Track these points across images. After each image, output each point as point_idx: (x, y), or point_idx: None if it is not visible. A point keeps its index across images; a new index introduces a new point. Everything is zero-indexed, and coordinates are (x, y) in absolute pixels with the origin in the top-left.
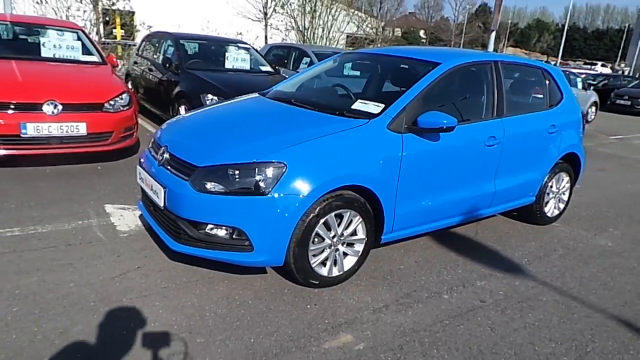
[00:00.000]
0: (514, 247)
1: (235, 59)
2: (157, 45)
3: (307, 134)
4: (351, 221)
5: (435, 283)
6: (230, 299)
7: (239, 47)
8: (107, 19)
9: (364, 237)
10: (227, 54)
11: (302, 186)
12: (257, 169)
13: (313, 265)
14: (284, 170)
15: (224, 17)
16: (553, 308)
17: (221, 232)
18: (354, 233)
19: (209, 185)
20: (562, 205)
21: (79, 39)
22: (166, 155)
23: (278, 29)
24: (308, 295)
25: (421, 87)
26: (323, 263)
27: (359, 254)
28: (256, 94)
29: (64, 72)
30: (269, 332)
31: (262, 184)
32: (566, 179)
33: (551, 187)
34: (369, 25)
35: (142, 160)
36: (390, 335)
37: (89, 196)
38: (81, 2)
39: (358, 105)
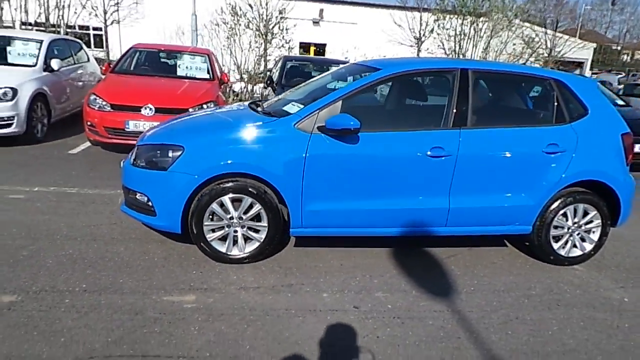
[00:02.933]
0: (479, 276)
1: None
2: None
3: (218, 126)
4: (251, 207)
5: (332, 284)
6: (143, 253)
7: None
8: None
9: (266, 225)
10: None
11: (194, 167)
12: (162, 150)
13: (210, 240)
14: (181, 152)
15: (373, 42)
16: (422, 330)
17: (142, 198)
18: (259, 220)
19: (137, 160)
20: (588, 246)
21: (205, 61)
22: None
23: (432, 54)
24: (203, 262)
25: (345, 90)
26: (223, 240)
27: (262, 240)
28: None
29: (172, 85)
30: (145, 277)
31: (163, 162)
32: (592, 213)
33: (562, 219)
34: (542, 46)
35: None
36: (226, 307)
37: None
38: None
39: (288, 106)
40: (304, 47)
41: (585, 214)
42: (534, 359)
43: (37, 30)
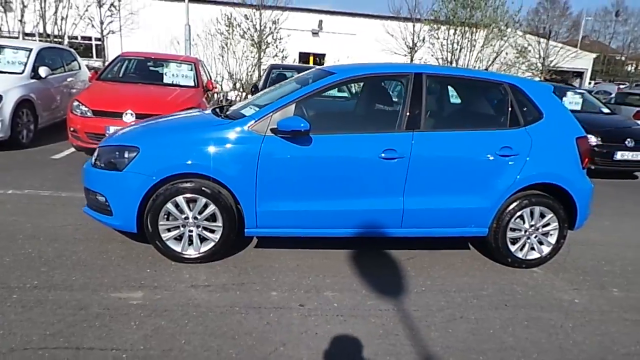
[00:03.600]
0: (433, 277)
1: None
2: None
3: (175, 128)
4: (206, 207)
5: (283, 283)
6: (102, 252)
7: None
8: None
9: (220, 225)
10: None
11: (148, 168)
12: (119, 151)
13: (165, 239)
14: (136, 153)
15: (369, 52)
16: (362, 328)
17: (101, 199)
18: (214, 220)
19: (97, 162)
20: (546, 249)
21: (191, 69)
22: None
23: (426, 62)
24: (160, 261)
25: (298, 94)
26: (178, 240)
27: (217, 240)
28: None
29: (154, 92)
30: (98, 275)
31: (120, 163)
32: (549, 216)
33: (519, 222)
34: (535, 55)
35: None
36: (172, 304)
37: None
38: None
39: (246, 109)
40: (304, 56)
41: (542, 216)
42: (468, 355)
43: (40, 41)
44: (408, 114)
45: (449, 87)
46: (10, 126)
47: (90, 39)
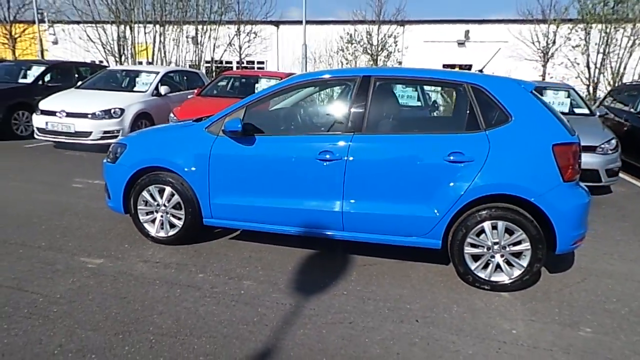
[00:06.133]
0: (371, 284)
1: None
2: None
3: (157, 129)
4: (172, 197)
5: (218, 269)
6: (102, 227)
7: None
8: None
9: (183, 213)
10: None
11: (129, 160)
12: (119, 147)
13: (142, 221)
14: (124, 149)
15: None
16: (243, 313)
17: (106, 185)
18: (180, 208)
19: (107, 156)
20: (516, 271)
21: None
22: None
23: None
24: (139, 240)
25: (249, 99)
26: (153, 222)
27: (181, 226)
28: None
29: None
30: (85, 243)
31: (115, 156)
32: (518, 234)
33: (483, 237)
34: None
35: None
36: (113, 271)
37: None
38: None
39: None
40: (449, 68)
41: (511, 234)
42: (314, 355)
43: (207, 66)
44: (350, 116)
45: (403, 90)
46: (130, 132)
47: (231, 62)
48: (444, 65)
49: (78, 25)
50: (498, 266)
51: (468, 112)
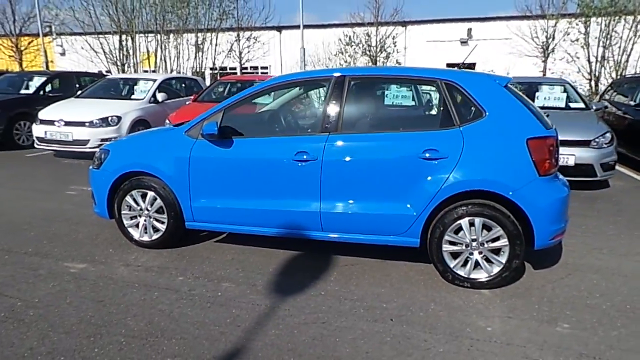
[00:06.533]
0: (350, 284)
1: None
2: None
3: (138, 135)
4: (155, 201)
5: (199, 271)
6: (89, 232)
7: None
8: None
9: (166, 217)
10: None
11: (112, 166)
12: (103, 154)
13: (127, 226)
14: (108, 154)
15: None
16: (217, 315)
17: (91, 192)
18: (162, 212)
19: (92, 163)
20: (495, 268)
21: None
22: None
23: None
24: (125, 245)
25: (226, 102)
26: (137, 227)
27: (164, 230)
28: None
29: None
30: (70, 248)
31: (99, 162)
32: (495, 230)
33: (461, 234)
34: None
35: None
36: (94, 276)
37: None
38: None
39: None
40: (452, 67)
41: (488, 230)
42: (282, 355)
43: (211, 72)
44: (325, 117)
45: (380, 88)
46: None
47: (234, 68)
48: (447, 65)
49: (81, 36)
50: (477, 263)
51: (442, 108)
